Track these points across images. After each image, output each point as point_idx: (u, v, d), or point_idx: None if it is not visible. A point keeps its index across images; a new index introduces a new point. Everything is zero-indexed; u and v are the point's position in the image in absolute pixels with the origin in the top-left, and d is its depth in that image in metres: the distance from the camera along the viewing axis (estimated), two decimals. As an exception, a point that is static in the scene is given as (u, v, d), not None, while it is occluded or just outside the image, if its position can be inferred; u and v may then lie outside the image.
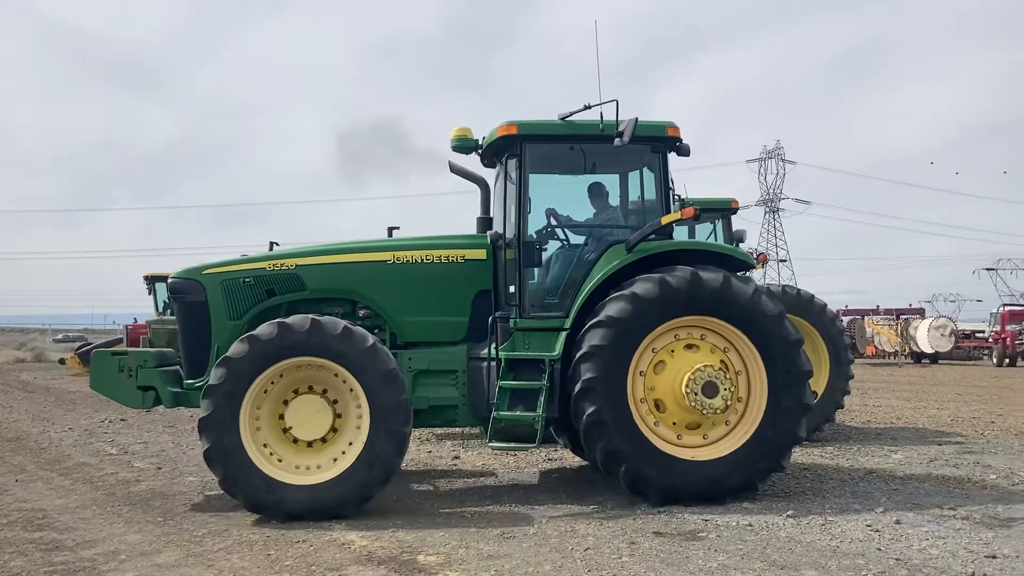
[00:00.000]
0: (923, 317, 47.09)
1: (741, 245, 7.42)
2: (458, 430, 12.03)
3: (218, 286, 7.74)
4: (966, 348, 44.96)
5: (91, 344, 30.22)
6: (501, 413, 7.34)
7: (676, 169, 8.45)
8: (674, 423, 7.33)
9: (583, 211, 8.38)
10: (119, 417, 14.07)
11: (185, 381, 7.78)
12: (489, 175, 8.67)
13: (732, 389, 7.23)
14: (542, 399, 7.31)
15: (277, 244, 10.26)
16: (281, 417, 6.92)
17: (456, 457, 9.94)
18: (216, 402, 6.70)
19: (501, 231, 8.08)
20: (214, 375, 6.79)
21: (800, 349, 7.42)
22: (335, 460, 6.85)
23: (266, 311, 7.75)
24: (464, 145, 8.29)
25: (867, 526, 6.38)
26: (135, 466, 9.37)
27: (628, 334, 7.18)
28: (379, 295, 7.87)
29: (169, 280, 8.01)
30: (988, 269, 62.11)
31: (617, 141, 7.35)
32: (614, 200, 8.41)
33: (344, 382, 6.91)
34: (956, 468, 8.98)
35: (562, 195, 8.47)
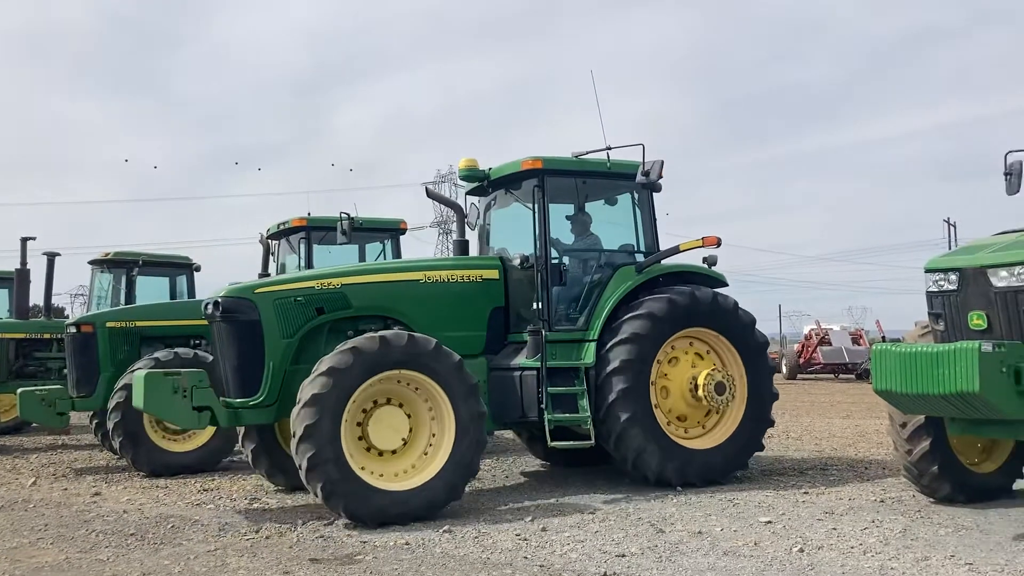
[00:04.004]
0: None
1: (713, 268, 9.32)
2: (103, 463, 11.15)
3: (271, 305, 7.91)
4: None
5: None
6: (555, 415, 8.24)
7: (348, 189, 9.32)
8: (669, 410, 8.78)
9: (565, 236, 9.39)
10: None
11: (235, 399, 7.85)
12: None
13: (734, 389, 8.77)
14: (584, 402, 8.35)
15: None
16: (360, 439, 7.31)
17: (97, 493, 9.01)
18: (321, 410, 6.89)
19: (504, 254, 8.98)
20: (317, 384, 6.96)
21: (766, 350, 9.27)
22: (424, 454, 7.44)
23: (313, 328, 8.07)
24: (473, 175, 9.22)
25: (516, 535, 6.69)
26: None
27: (648, 347, 8.48)
28: (413, 312, 8.40)
29: (220, 299, 7.92)
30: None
31: (642, 179, 8.44)
32: (595, 228, 9.41)
33: (416, 389, 7.46)
34: (597, 474, 9.71)
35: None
